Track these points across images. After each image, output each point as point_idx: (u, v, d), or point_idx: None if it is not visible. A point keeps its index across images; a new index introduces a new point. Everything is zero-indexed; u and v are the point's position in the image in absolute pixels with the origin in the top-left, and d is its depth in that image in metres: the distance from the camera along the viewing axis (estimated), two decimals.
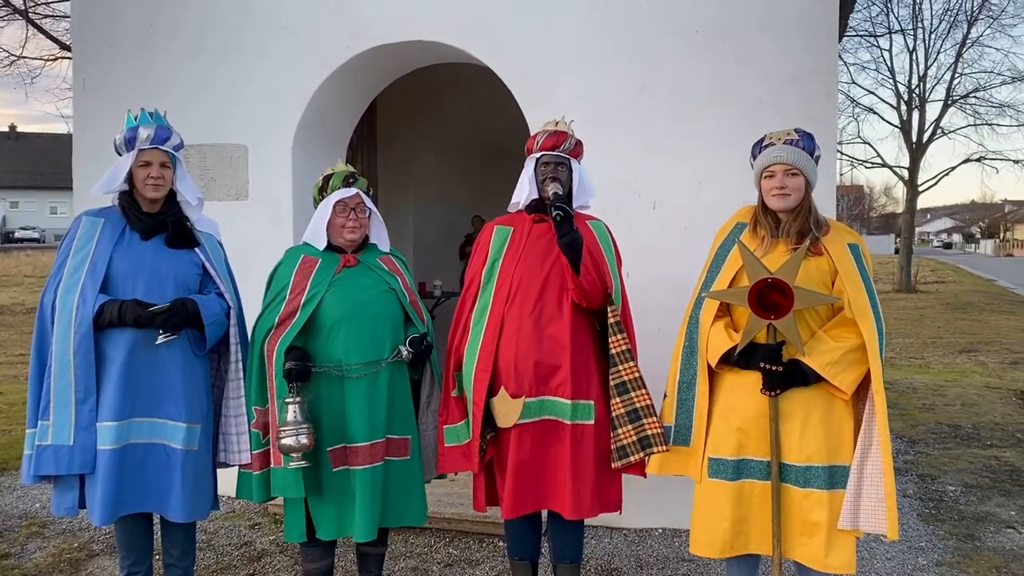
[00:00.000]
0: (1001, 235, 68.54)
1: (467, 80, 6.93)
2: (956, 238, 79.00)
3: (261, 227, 4.72)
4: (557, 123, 3.28)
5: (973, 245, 67.51)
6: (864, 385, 2.83)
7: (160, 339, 3.00)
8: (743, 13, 4.17)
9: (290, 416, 3.02)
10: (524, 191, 3.29)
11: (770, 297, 2.78)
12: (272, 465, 3.16)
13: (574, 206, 3.24)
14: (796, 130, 2.96)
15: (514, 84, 4.46)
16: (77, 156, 5.10)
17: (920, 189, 22.96)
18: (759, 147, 3.00)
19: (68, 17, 14.39)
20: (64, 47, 14.67)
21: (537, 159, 3.25)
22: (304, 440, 3.01)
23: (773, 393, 2.80)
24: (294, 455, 3.03)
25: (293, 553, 4.13)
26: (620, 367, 3.13)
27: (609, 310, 3.16)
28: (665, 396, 3.08)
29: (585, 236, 3.16)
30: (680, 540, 4.23)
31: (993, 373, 9.63)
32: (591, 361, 3.18)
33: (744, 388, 2.88)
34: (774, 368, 2.79)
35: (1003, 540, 4.25)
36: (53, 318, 3.02)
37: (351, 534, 3.19)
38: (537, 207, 3.28)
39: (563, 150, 3.22)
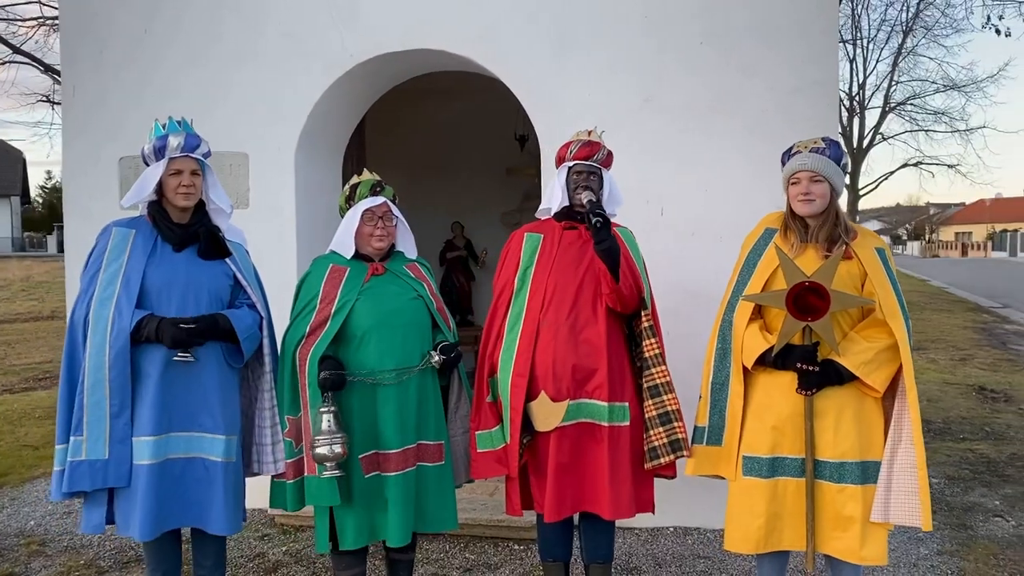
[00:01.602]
0: (927, 237, 71.01)
1: (448, 88, 6.98)
2: (885, 240, 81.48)
3: (263, 235, 4.63)
4: (590, 133, 3.35)
5: (901, 247, 69.75)
6: (890, 384, 2.96)
7: (177, 358, 2.98)
8: (747, 25, 4.31)
9: (324, 425, 3.02)
10: (556, 198, 3.34)
11: (806, 300, 2.88)
12: (306, 474, 3.16)
13: (605, 213, 3.32)
14: (823, 138, 3.07)
15: (521, 93, 4.52)
16: (67, 165, 4.99)
17: (861, 193, 23.78)
18: (787, 155, 3.10)
19: (20, 20, 13.96)
20: (16, 51, 14.16)
21: (570, 167, 3.31)
22: (338, 449, 3.02)
23: (809, 392, 2.90)
24: (328, 464, 3.03)
25: (309, 563, 4.11)
26: (653, 370, 3.22)
27: (643, 314, 3.25)
28: (700, 397, 3.17)
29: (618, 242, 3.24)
30: (692, 538, 4.33)
31: (946, 369, 10.01)
32: (625, 364, 3.26)
33: (779, 388, 2.97)
34: (810, 368, 2.89)
35: (994, 528, 4.46)
36: (85, 332, 2.97)
37: (383, 538, 3.20)
38: (567, 215, 3.34)
39: (596, 160, 3.30)
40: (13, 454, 6.30)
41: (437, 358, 3.23)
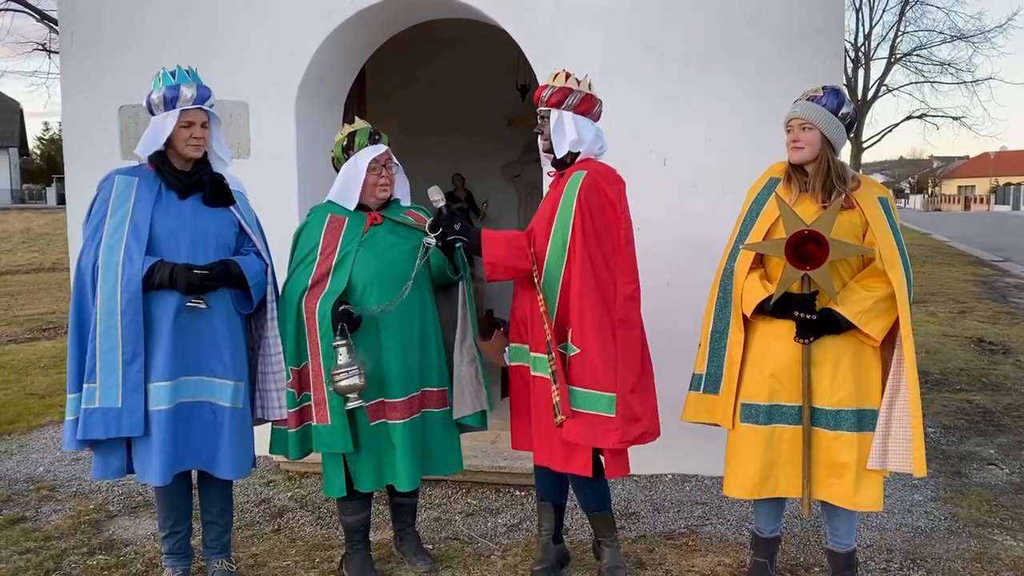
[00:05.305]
0: (929, 190, 70.66)
1: (449, 37, 6.90)
2: None
3: (264, 185, 4.61)
4: (555, 76, 3.23)
5: (903, 200, 69.41)
6: (889, 333, 2.98)
7: (191, 304, 3.00)
8: None
9: (342, 359, 3.05)
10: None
11: (806, 248, 2.90)
12: (314, 422, 3.20)
13: (557, 156, 3.22)
14: (824, 87, 3.05)
15: (523, 41, 4.47)
16: (67, 114, 4.96)
17: (864, 146, 23.62)
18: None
19: None
20: None
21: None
22: (359, 380, 3.05)
23: (807, 340, 2.93)
24: (351, 396, 3.08)
25: (314, 507, 4.19)
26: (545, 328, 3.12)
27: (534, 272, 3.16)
28: (699, 345, 3.20)
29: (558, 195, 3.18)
30: (690, 485, 4.40)
31: (945, 322, 10.04)
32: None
33: (777, 336, 3.00)
34: (809, 316, 2.92)
35: (988, 476, 4.54)
36: (94, 280, 2.97)
37: (392, 482, 3.27)
38: (554, 162, 3.31)
39: (542, 103, 3.22)
40: (20, 402, 6.38)
41: (434, 240, 3.17)
